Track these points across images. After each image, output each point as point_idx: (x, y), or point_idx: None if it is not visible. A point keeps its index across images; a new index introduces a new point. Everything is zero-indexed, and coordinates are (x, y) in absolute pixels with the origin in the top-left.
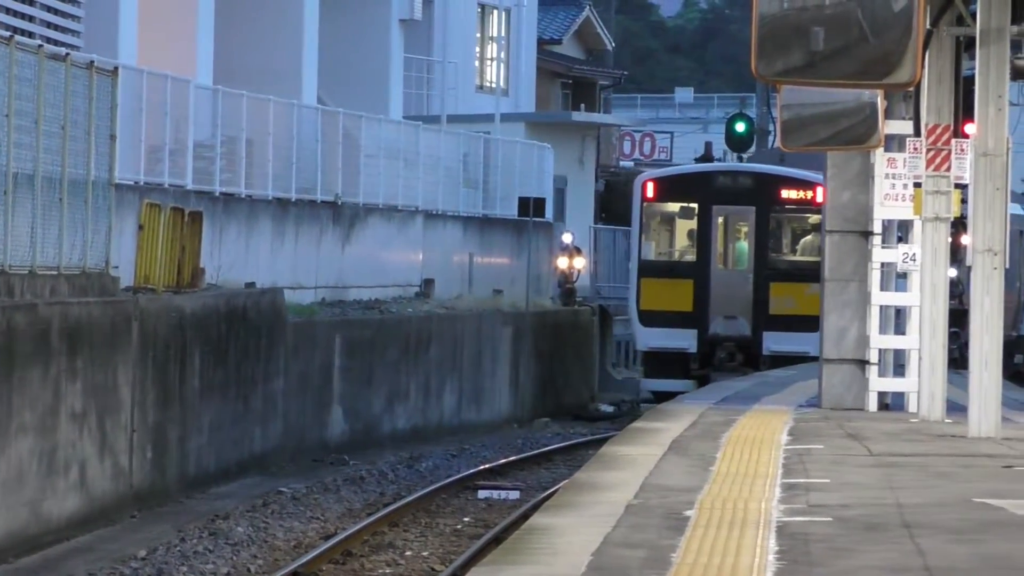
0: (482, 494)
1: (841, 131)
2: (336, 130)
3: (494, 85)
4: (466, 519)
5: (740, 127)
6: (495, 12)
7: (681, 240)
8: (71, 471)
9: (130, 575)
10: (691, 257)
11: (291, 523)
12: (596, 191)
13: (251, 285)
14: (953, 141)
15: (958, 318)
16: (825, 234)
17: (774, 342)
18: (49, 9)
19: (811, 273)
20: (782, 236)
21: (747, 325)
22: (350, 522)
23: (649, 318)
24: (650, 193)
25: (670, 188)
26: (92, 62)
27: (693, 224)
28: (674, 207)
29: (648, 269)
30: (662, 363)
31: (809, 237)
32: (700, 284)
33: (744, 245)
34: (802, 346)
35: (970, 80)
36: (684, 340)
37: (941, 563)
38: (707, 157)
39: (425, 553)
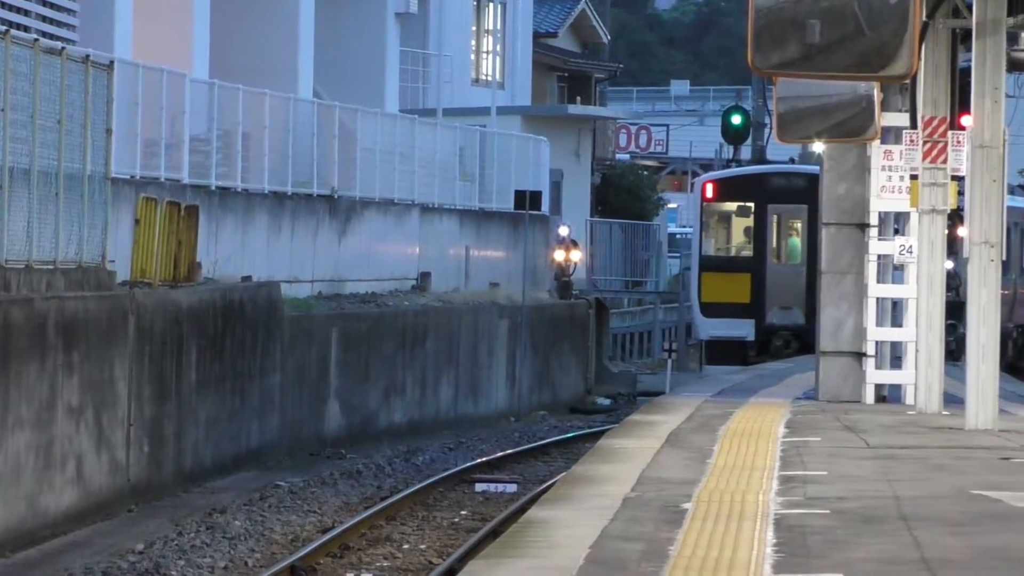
0: (479, 487)
1: (837, 123)
2: (332, 124)
3: (490, 78)
4: (463, 512)
5: (736, 120)
6: (491, 5)
7: (738, 237)
8: (68, 465)
9: (127, 569)
10: (748, 253)
11: (288, 517)
12: (592, 184)
13: (247, 279)
14: (950, 133)
15: (954, 310)
16: (821, 227)
17: None
18: (45, 3)
19: None
20: None
21: (801, 315)
22: (347, 516)
23: (710, 309)
24: (709, 193)
25: (728, 189)
26: (88, 56)
27: (750, 222)
28: (732, 206)
29: (708, 264)
30: (722, 351)
31: None
32: (757, 278)
33: (797, 241)
34: None
35: (966, 72)
36: (742, 329)
37: (938, 555)
38: (761, 159)
39: (422, 546)
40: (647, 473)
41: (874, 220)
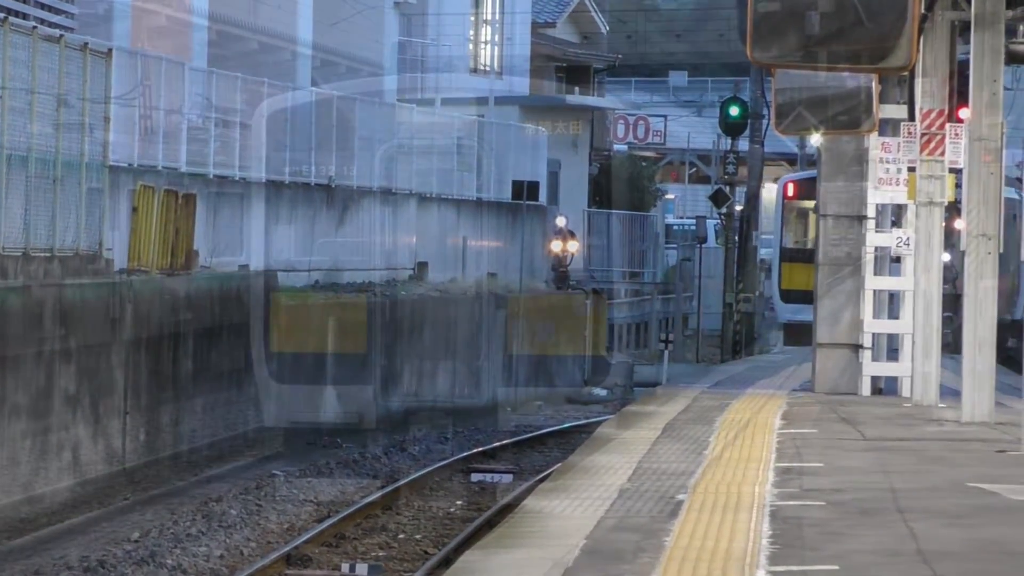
0: (475, 477)
1: (835, 115)
2: (330, 113)
3: (488, 68)
4: (459, 502)
5: (734, 111)
6: None
7: (814, 231)
8: (64, 453)
9: (123, 557)
10: None
11: (284, 506)
12: (590, 174)
13: (244, 267)
14: (947, 126)
15: (951, 302)
16: (819, 218)
17: None
18: None
19: None
20: None
21: None
22: (343, 505)
23: (789, 296)
24: (790, 192)
25: (807, 188)
26: (86, 44)
27: None
28: (810, 204)
29: (788, 255)
30: (799, 332)
31: None
32: None
33: None
34: None
35: (965, 65)
36: None
37: (934, 547)
38: None
39: (418, 536)
40: (643, 464)
41: (872, 212)
